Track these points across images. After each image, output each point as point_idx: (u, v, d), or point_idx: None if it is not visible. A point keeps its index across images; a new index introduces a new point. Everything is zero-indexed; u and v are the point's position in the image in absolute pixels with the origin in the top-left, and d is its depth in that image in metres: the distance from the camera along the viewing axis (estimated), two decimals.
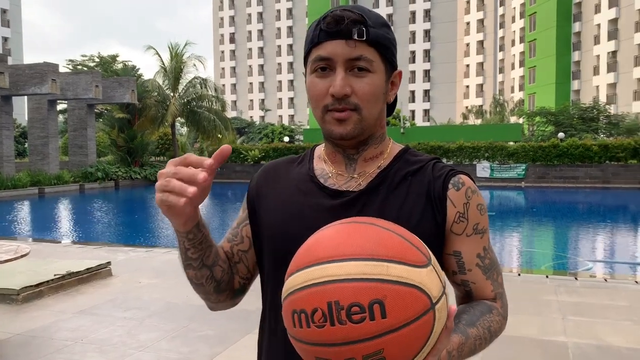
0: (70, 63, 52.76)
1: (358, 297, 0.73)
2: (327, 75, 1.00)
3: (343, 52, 0.98)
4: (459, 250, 1.05)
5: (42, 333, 4.53)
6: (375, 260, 0.75)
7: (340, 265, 0.75)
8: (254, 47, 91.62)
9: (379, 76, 1.02)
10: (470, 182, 1.07)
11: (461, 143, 27.95)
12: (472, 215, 1.05)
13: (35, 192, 23.17)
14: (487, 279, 1.07)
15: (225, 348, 4.11)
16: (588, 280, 6.51)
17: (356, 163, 1.09)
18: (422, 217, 1.02)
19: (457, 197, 1.04)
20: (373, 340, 0.73)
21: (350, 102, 1.00)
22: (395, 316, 0.73)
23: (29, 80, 23.88)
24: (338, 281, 0.74)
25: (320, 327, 0.74)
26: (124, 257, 7.79)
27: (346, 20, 0.97)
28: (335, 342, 0.73)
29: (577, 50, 54.17)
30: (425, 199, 1.04)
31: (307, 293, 0.76)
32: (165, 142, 33.89)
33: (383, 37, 1.01)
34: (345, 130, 1.01)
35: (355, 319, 0.72)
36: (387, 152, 1.11)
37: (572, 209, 19.25)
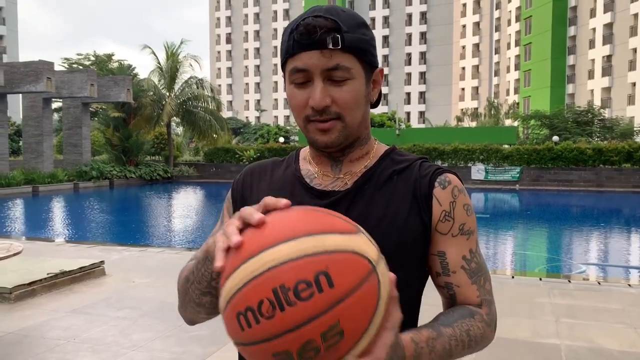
0: (65, 61, 52.58)
1: (302, 274, 0.71)
2: (306, 86, 0.98)
3: (319, 63, 0.95)
4: (444, 250, 1.02)
5: (35, 332, 4.51)
6: (308, 236, 0.73)
7: (274, 250, 0.73)
8: (250, 47, 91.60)
9: (358, 81, 1.00)
10: (457, 181, 1.05)
11: (456, 145, 28.02)
12: (458, 214, 1.03)
13: (29, 191, 23.08)
14: (473, 283, 1.02)
15: (219, 348, 4.11)
16: (581, 283, 6.54)
17: (342, 164, 1.08)
18: (409, 215, 1.01)
19: (443, 195, 1.02)
20: (327, 313, 0.70)
21: (331, 111, 0.98)
22: (342, 283, 0.71)
23: (24, 78, 23.79)
24: (278, 265, 0.71)
25: (270, 317, 0.70)
26: (117, 256, 7.76)
27: (319, 30, 0.94)
28: (289, 328, 0.70)
29: (572, 54, 54.41)
30: (412, 198, 1.02)
31: (248, 289, 0.72)
32: (161, 141, 33.83)
33: (359, 41, 0.98)
34: (330, 139, 1.00)
35: (305, 296, 0.70)
36: (372, 152, 1.10)
37: (566, 212, 19.31)
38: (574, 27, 54.22)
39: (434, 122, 60.57)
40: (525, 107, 54.54)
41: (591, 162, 25.67)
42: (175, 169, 31.70)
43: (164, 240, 12.79)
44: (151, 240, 12.67)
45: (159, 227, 15.52)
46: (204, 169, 32.34)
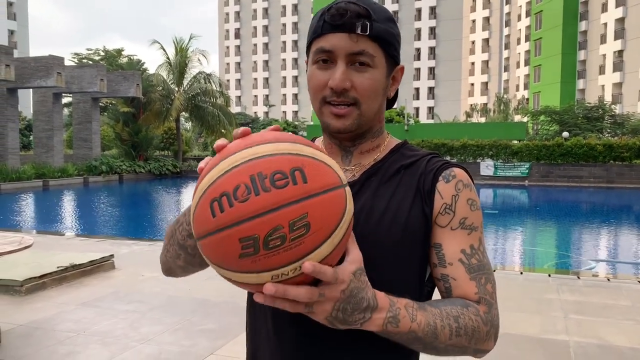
0: (75, 56, 52.81)
1: (280, 166, 0.76)
2: (328, 68, 0.99)
3: (345, 46, 0.97)
4: (440, 242, 1.00)
5: (45, 324, 4.55)
6: (289, 143, 0.80)
7: (257, 147, 0.79)
8: (259, 42, 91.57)
9: (380, 71, 1.01)
10: (464, 176, 1.03)
11: (465, 141, 27.89)
12: (460, 208, 1.00)
13: (39, 185, 23.25)
14: (472, 279, 0.98)
15: (227, 342, 4.13)
16: (590, 279, 6.50)
17: (352, 155, 1.09)
18: (411, 209, 1.00)
19: (446, 188, 1.01)
20: (297, 203, 0.75)
21: (349, 96, 0.99)
22: (315, 181, 0.77)
23: (35, 73, 23.93)
24: (257, 158, 0.77)
25: (245, 200, 0.74)
26: (127, 250, 7.81)
27: (350, 13, 0.96)
28: (260, 212, 0.74)
29: (583, 49, 53.94)
30: (415, 192, 1.02)
31: (226, 176, 0.77)
32: (170, 136, 33.94)
33: (387, 32, 1.00)
34: (344, 125, 1.01)
35: (279, 185, 0.75)
36: (383, 145, 1.10)
37: (575, 208, 19.20)
38: (585, 22, 53.72)
39: (442, 117, 60.36)
40: (535, 103, 54.19)
41: (601, 158, 25.48)
42: (184, 163, 31.81)
43: None
44: (160, 234, 12.73)
45: (168, 222, 15.60)
46: None
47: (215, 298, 5.29)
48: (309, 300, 0.79)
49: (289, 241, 0.74)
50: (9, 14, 58.87)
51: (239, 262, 0.76)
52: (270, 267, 0.76)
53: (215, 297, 5.33)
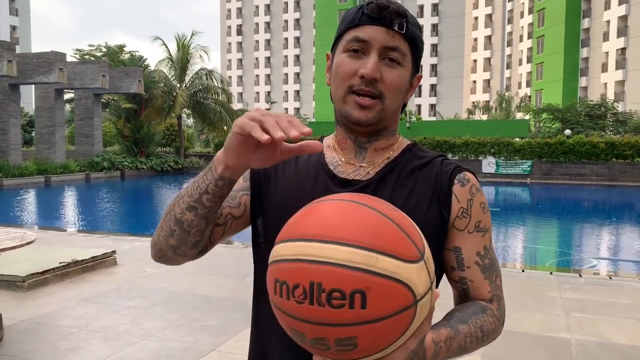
0: (77, 52, 52.79)
1: (341, 284, 0.73)
2: (360, 58, 1.01)
3: (381, 39, 1.00)
4: (459, 246, 1.05)
5: (48, 320, 4.56)
6: (365, 250, 0.75)
7: (329, 247, 0.75)
8: (260, 39, 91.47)
9: (406, 71, 1.05)
10: (475, 180, 1.09)
11: (467, 138, 27.86)
12: (475, 212, 1.06)
13: (41, 181, 23.28)
14: (486, 279, 1.06)
15: (229, 338, 4.14)
16: (592, 277, 6.50)
17: (366, 152, 1.09)
18: (429, 210, 1.03)
19: (462, 193, 1.05)
20: (348, 327, 0.74)
21: (377, 87, 1.00)
22: (375, 308, 0.73)
23: (37, 69, 23.94)
24: (325, 263, 0.74)
25: (300, 302, 0.74)
26: (129, 246, 7.82)
27: (391, 9, 1.00)
28: (311, 320, 0.75)
29: (586, 47, 53.80)
30: (432, 193, 1.04)
31: (292, 267, 0.76)
32: (172, 133, 33.94)
33: (418, 37, 1.06)
34: (367, 116, 1.02)
35: (335, 304, 0.73)
36: (396, 144, 1.11)
37: (577, 206, 19.19)
38: (587, 19, 53.58)
39: (444, 114, 60.30)
40: (537, 100, 54.09)
41: (604, 156, 25.44)
42: (185, 160, 31.82)
43: None
44: None
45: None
46: None
47: (217, 294, 5.30)
48: None
49: (334, 351, 0.77)
50: (11, 10, 58.85)
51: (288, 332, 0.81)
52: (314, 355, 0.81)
53: (217, 293, 5.34)
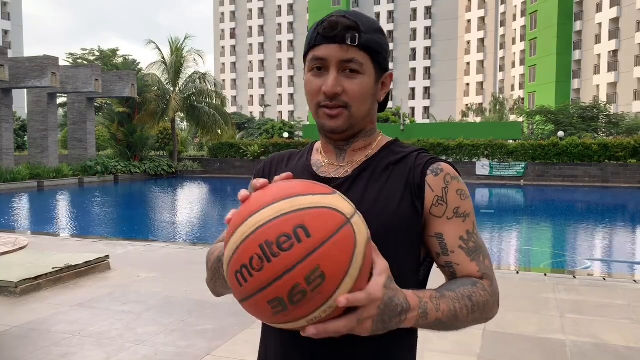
0: (70, 57, 52.64)
1: (282, 229, 0.83)
2: (322, 75, 1.10)
3: (336, 55, 1.08)
4: (441, 232, 1.10)
5: (40, 326, 4.52)
6: (285, 199, 0.86)
7: (260, 213, 0.86)
8: (254, 42, 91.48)
9: (368, 78, 1.11)
10: (450, 169, 1.13)
11: (461, 141, 27.96)
12: (451, 199, 1.11)
13: (34, 186, 23.16)
14: (472, 260, 1.10)
15: (224, 342, 4.11)
16: (586, 278, 6.52)
17: (345, 153, 1.19)
18: (400, 202, 1.10)
19: (435, 182, 1.11)
20: (307, 259, 0.82)
21: (340, 100, 1.09)
22: (318, 233, 0.83)
23: (29, 73, 23.85)
24: (261, 226, 0.84)
25: (260, 269, 0.82)
26: (122, 250, 7.78)
27: (340, 26, 1.07)
28: (276, 277, 0.82)
29: (578, 49, 54.13)
30: (404, 186, 1.11)
31: (241, 249, 0.85)
32: (165, 136, 33.87)
33: (374, 42, 1.10)
34: (336, 124, 1.11)
35: (286, 247, 0.82)
36: (375, 143, 1.19)
37: (571, 208, 19.26)
38: (579, 22, 53.92)
39: (438, 117, 60.45)
40: (530, 103, 54.32)
41: (596, 157, 25.58)
42: (179, 164, 31.76)
43: (169, 235, 12.82)
44: (156, 235, 12.71)
45: (164, 222, 15.55)
46: (208, 164, 32.38)
47: (211, 299, 5.28)
48: (351, 330, 0.87)
49: (310, 292, 0.83)
50: (3, 14, 58.63)
51: (275, 317, 0.87)
52: (302, 316, 0.85)
53: (211, 297, 5.31)
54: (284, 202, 0.86)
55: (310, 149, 1.27)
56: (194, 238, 12.21)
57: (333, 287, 0.83)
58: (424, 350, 3.97)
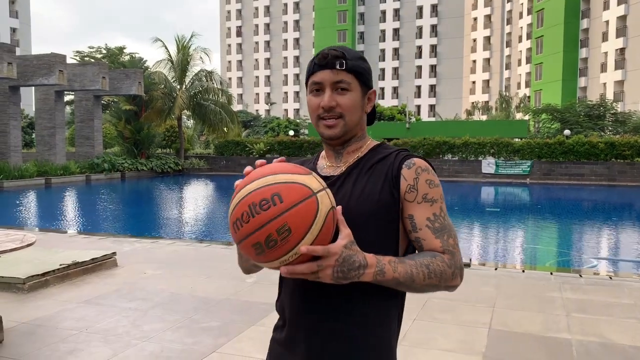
0: (77, 54, 52.85)
1: (264, 195, 1.18)
2: (319, 95, 1.43)
3: (329, 78, 1.41)
4: (412, 214, 1.38)
5: (47, 322, 4.56)
6: (269, 176, 1.22)
7: (253, 183, 1.22)
8: (260, 40, 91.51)
9: (356, 94, 1.43)
10: (422, 163, 1.40)
11: (467, 139, 27.87)
12: (421, 187, 1.38)
13: (42, 183, 23.29)
14: (437, 237, 1.36)
15: (229, 339, 4.13)
16: (592, 277, 6.50)
17: (342, 156, 1.49)
18: (381, 191, 1.38)
19: (408, 174, 1.38)
20: (278, 217, 1.16)
21: (335, 112, 1.41)
22: (288, 199, 1.17)
23: (37, 71, 23.95)
24: (249, 193, 1.20)
25: (247, 222, 1.18)
26: (129, 247, 7.82)
27: (330, 56, 1.40)
28: (257, 227, 1.17)
29: (585, 47, 53.82)
30: (384, 179, 1.39)
31: (237, 208, 1.21)
32: (172, 134, 33.94)
33: (358, 67, 1.42)
34: (334, 132, 1.43)
35: (265, 207, 1.17)
36: (364, 146, 1.49)
37: (577, 206, 19.19)
38: (586, 19, 53.60)
39: (444, 115, 60.30)
40: (536, 101, 54.12)
41: (603, 156, 25.46)
42: (186, 161, 31.83)
43: (175, 232, 12.87)
44: (162, 232, 12.75)
45: (170, 219, 15.61)
46: (214, 162, 32.44)
47: (217, 296, 5.30)
48: (311, 271, 1.20)
49: (280, 241, 1.17)
50: (11, 12, 58.84)
51: (258, 257, 1.22)
52: (276, 257, 1.20)
53: (217, 295, 5.34)
54: (269, 177, 1.21)
55: (318, 157, 1.58)
56: (201, 235, 12.25)
57: (297, 239, 1.17)
58: (429, 348, 3.99)
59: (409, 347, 3.97)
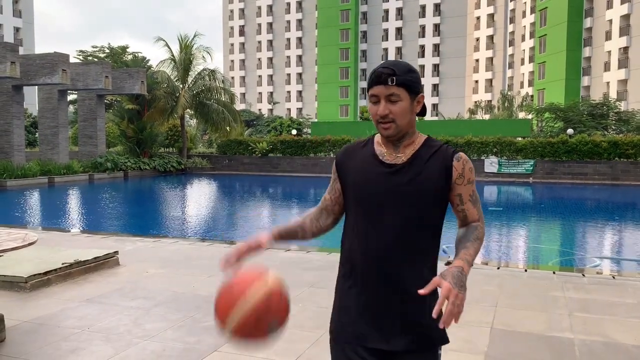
0: (80, 54, 52.91)
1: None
2: (377, 103, 1.81)
3: (383, 91, 1.78)
4: (460, 192, 1.86)
5: (50, 321, 4.56)
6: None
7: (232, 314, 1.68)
8: (263, 40, 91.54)
9: (405, 102, 1.79)
10: (466, 157, 1.86)
11: (469, 138, 27.82)
12: (466, 174, 1.85)
13: (45, 182, 23.33)
14: (474, 207, 1.89)
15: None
16: (595, 277, 6.48)
17: (399, 148, 1.87)
18: (439, 177, 1.83)
19: (458, 165, 1.85)
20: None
21: (388, 117, 1.79)
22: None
23: (40, 70, 23.99)
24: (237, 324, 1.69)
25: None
26: (131, 246, 7.82)
27: (383, 75, 1.77)
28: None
29: (588, 46, 53.68)
30: (440, 167, 1.83)
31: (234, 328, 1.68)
32: (175, 133, 33.96)
33: (407, 80, 1.78)
34: (388, 133, 1.82)
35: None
36: (417, 140, 1.89)
37: (580, 206, 19.15)
38: (590, 18, 53.46)
39: (446, 114, 60.20)
40: (539, 100, 54.00)
41: (606, 155, 25.40)
42: (188, 160, 31.85)
43: (178, 231, 12.87)
44: (165, 231, 12.76)
45: (173, 218, 15.62)
46: (217, 161, 32.45)
47: None
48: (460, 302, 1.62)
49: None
50: (15, 11, 58.92)
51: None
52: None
53: None
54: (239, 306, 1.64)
55: (372, 141, 1.94)
56: (203, 234, 12.25)
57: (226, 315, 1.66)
58: None
59: None
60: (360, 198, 1.86)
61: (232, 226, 14.25)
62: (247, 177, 30.06)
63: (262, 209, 18.57)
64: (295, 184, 27.00)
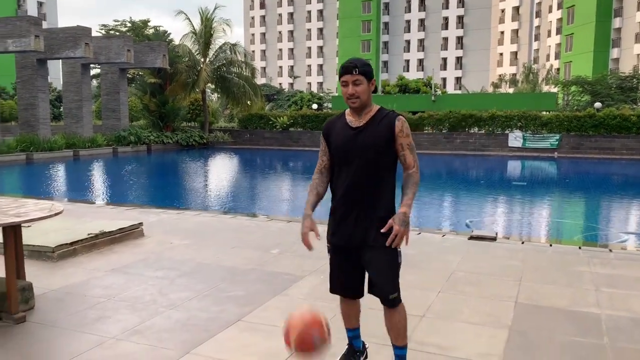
0: (102, 28, 53.09)
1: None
2: (346, 86, 2.76)
3: (350, 78, 2.74)
4: (401, 142, 2.78)
5: (76, 290, 4.64)
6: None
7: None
8: (283, 12, 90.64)
9: (365, 85, 2.75)
10: (403, 118, 2.79)
11: (494, 112, 27.37)
12: (405, 130, 2.79)
13: (70, 155, 23.68)
14: (411, 154, 2.81)
15: (254, 308, 4.16)
16: (622, 252, 6.37)
17: (361, 116, 2.83)
18: (386, 132, 2.76)
19: (399, 124, 2.78)
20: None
21: (355, 95, 2.75)
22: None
23: (63, 44, 24.14)
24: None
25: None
26: (155, 218, 7.90)
27: (350, 66, 2.73)
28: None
29: (618, 17, 52.05)
30: (387, 126, 2.78)
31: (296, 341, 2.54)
32: (196, 107, 34.05)
33: (365, 71, 2.74)
34: (355, 106, 2.78)
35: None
36: (373, 109, 2.84)
37: (606, 181, 18.81)
38: None
39: (470, 88, 59.24)
40: (566, 73, 52.78)
41: (635, 129, 24.82)
42: (210, 135, 31.97)
43: (201, 203, 12.98)
44: (188, 203, 12.87)
45: (196, 191, 15.75)
46: (238, 135, 32.53)
47: (243, 266, 5.33)
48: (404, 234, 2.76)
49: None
50: None
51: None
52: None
53: (243, 265, 5.37)
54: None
55: (344, 114, 2.93)
56: (226, 207, 12.34)
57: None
58: (454, 321, 3.96)
59: (433, 319, 3.95)
60: (339, 152, 2.85)
61: (253, 199, 14.32)
62: (268, 152, 30.10)
63: (283, 182, 18.61)
64: (315, 158, 26.86)
